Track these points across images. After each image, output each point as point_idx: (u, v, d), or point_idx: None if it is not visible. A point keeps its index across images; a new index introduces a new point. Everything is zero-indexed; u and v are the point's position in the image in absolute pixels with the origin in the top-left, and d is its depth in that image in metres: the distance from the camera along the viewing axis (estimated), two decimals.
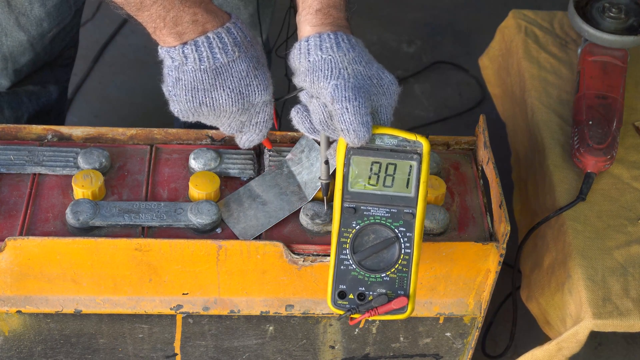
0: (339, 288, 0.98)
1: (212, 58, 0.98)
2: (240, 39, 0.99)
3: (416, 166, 0.98)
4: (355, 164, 0.98)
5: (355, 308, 0.98)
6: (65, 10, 1.37)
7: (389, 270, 0.98)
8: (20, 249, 1.03)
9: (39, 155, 1.13)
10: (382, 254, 0.98)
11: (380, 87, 1.00)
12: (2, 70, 1.38)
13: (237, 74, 0.99)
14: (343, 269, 0.98)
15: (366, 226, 0.98)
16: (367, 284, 0.98)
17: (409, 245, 0.98)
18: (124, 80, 2.10)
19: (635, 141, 1.35)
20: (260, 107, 1.03)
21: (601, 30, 1.36)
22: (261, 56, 1.02)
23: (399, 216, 0.98)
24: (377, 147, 0.98)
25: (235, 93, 1.00)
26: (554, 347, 1.18)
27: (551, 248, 1.24)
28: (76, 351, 1.17)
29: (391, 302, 0.98)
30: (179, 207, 1.08)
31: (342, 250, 0.98)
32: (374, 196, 0.99)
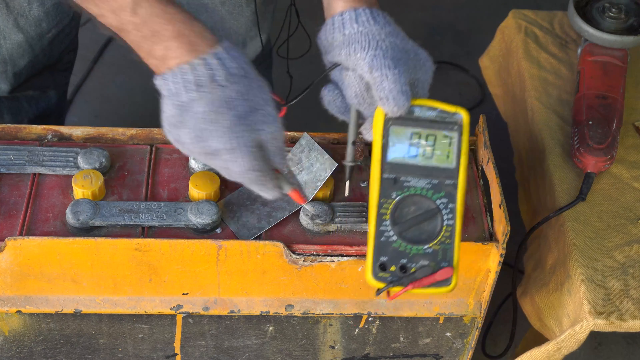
0: (379, 260, 0.96)
1: (177, 94, 0.94)
2: (206, 77, 0.93)
3: (457, 137, 0.97)
4: (394, 134, 0.97)
5: (397, 280, 0.96)
6: (64, 11, 1.37)
7: (431, 242, 0.97)
8: (20, 249, 1.03)
9: (39, 155, 1.13)
10: (424, 226, 0.97)
11: (417, 61, 0.99)
12: (2, 73, 1.38)
13: (194, 115, 0.94)
14: (383, 240, 0.96)
15: (406, 197, 0.97)
16: (409, 256, 0.96)
17: (451, 217, 0.97)
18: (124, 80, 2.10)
19: (635, 141, 1.35)
20: (226, 155, 0.95)
21: (601, 30, 1.36)
22: (234, 99, 0.94)
23: (440, 187, 0.97)
24: (417, 118, 0.97)
25: (193, 135, 0.95)
26: (552, 347, 1.18)
27: (553, 248, 1.24)
28: (76, 351, 1.17)
29: (436, 274, 0.96)
30: (179, 207, 1.08)
31: (381, 221, 0.96)
32: (414, 167, 0.97)
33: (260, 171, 0.97)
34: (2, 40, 1.34)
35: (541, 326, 1.24)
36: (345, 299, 1.12)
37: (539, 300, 1.24)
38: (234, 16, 1.44)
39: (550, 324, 1.22)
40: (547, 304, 1.22)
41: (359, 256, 1.07)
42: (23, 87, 1.44)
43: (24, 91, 1.45)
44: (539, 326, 1.25)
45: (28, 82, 1.44)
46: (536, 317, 1.25)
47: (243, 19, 1.45)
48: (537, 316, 1.25)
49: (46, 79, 1.48)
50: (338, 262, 1.07)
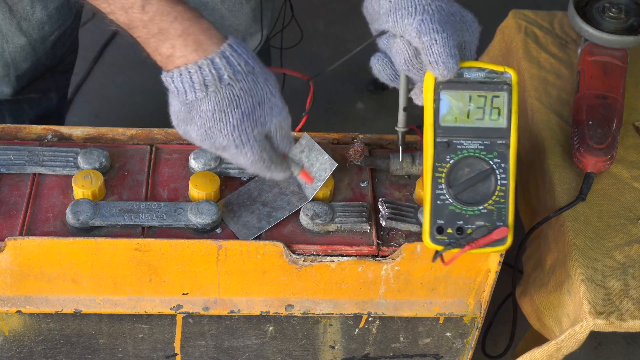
0: (436, 223, 0.98)
1: (184, 93, 0.96)
2: (212, 77, 0.95)
3: (506, 97, 0.99)
4: (445, 98, 0.98)
5: (455, 242, 0.98)
6: (66, 13, 1.37)
7: (486, 202, 0.99)
8: (20, 249, 1.03)
9: (39, 155, 1.13)
10: (478, 187, 0.99)
11: (463, 23, 1.00)
12: (4, 77, 1.38)
13: (203, 114, 0.96)
14: (439, 204, 0.98)
15: (460, 160, 0.99)
16: (465, 218, 0.98)
17: (504, 176, 0.99)
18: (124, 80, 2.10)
19: (635, 141, 1.35)
20: (233, 150, 0.98)
21: (601, 30, 1.36)
22: (240, 96, 0.96)
23: (492, 148, 0.99)
24: (466, 80, 0.98)
25: (201, 132, 0.97)
26: (552, 347, 1.18)
27: (553, 248, 1.24)
28: (76, 351, 1.17)
29: (492, 233, 0.98)
30: (179, 207, 1.08)
31: (437, 185, 0.98)
32: (466, 129, 0.99)
33: (268, 160, 0.99)
34: (5, 44, 1.34)
35: (540, 326, 1.24)
36: (345, 299, 1.12)
37: (539, 300, 1.24)
38: (233, 14, 1.44)
39: (549, 323, 1.22)
40: (546, 304, 1.22)
41: (359, 256, 1.07)
42: (25, 90, 1.44)
43: (26, 94, 1.45)
44: (539, 326, 1.25)
45: (30, 85, 1.44)
46: (535, 317, 1.25)
47: (243, 16, 1.45)
48: (536, 316, 1.25)
49: (48, 81, 1.48)
50: (338, 262, 1.07)
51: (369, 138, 1.17)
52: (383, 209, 1.08)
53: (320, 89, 1.12)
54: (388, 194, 1.14)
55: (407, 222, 1.09)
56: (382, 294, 1.11)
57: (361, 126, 2.00)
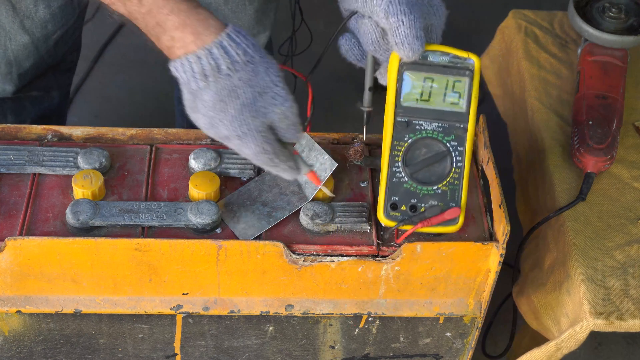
0: (391, 200, 1.01)
1: (188, 82, 0.97)
2: (210, 67, 0.95)
3: (468, 82, 1.01)
4: (408, 79, 1.00)
5: (408, 219, 1.01)
6: (69, 12, 1.37)
7: (440, 183, 1.02)
8: (20, 249, 1.03)
9: (39, 155, 1.13)
10: (434, 167, 1.02)
11: (430, 7, 1.01)
12: (7, 75, 1.38)
13: (205, 103, 0.97)
14: (395, 181, 1.01)
15: (418, 140, 1.01)
16: (419, 196, 1.02)
17: (460, 159, 1.02)
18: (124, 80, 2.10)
19: (635, 141, 1.35)
20: (236, 141, 0.99)
21: (601, 30, 1.36)
22: (239, 86, 0.96)
23: (450, 131, 1.01)
24: (430, 63, 1.00)
25: (206, 121, 0.98)
26: (552, 348, 1.18)
27: (552, 248, 1.24)
28: (76, 351, 1.17)
29: (444, 213, 1.01)
30: (179, 207, 1.08)
31: (394, 163, 1.01)
32: (426, 111, 1.01)
33: (272, 153, 1.00)
34: (8, 42, 1.34)
35: (538, 325, 1.24)
36: (345, 299, 1.12)
37: (536, 300, 1.24)
38: (236, 15, 1.44)
39: (547, 323, 1.22)
40: (544, 303, 1.22)
41: (359, 256, 1.07)
42: (27, 88, 1.44)
43: (27, 92, 1.45)
44: (536, 325, 1.25)
45: (32, 83, 1.44)
46: (533, 316, 1.25)
47: (246, 17, 1.45)
48: (533, 315, 1.25)
49: (49, 79, 1.48)
50: (338, 262, 1.07)
51: (369, 138, 1.17)
52: None
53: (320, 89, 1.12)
54: None
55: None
56: (382, 294, 1.11)
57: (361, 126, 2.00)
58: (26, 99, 1.46)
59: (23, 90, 1.43)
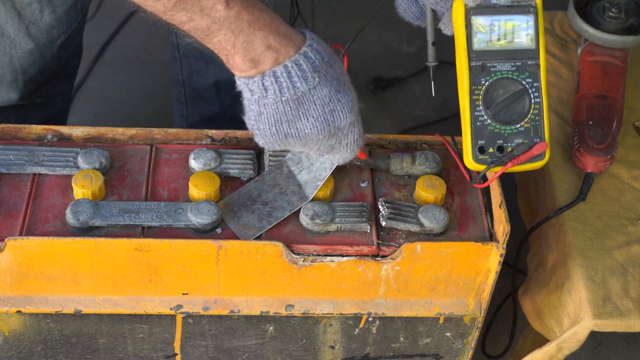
0: (478, 144, 1.03)
1: (292, 88, 0.94)
2: (319, 62, 0.95)
3: (533, 19, 1.02)
4: (476, 24, 1.02)
5: (498, 160, 1.03)
6: (73, 16, 1.37)
7: (523, 121, 1.03)
8: (20, 249, 1.03)
9: (39, 155, 1.13)
10: (514, 106, 1.03)
11: None
12: (12, 82, 1.37)
13: (319, 100, 0.96)
14: (479, 125, 1.03)
15: (495, 81, 1.03)
16: (504, 137, 1.03)
17: (537, 95, 1.03)
18: (124, 80, 2.10)
19: (635, 141, 1.35)
20: (347, 129, 1.00)
21: (601, 30, 1.36)
22: (341, 74, 0.98)
23: (524, 68, 1.03)
24: (494, 5, 1.02)
25: (320, 121, 0.97)
26: (554, 348, 1.18)
27: (553, 248, 1.25)
28: (76, 351, 1.17)
29: (532, 149, 1.03)
30: (179, 207, 1.08)
31: (475, 107, 1.03)
32: (498, 52, 1.03)
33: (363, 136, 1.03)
34: (14, 50, 1.33)
35: (541, 326, 1.24)
36: (345, 299, 1.12)
37: (539, 300, 1.24)
38: None
39: (550, 324, 1.22)
40: (547, 304, 1.22)
41: (359, 256, 1.07)
42: (31, 95, 1.44)
43: (32, 99, 1.45)
44: (539, 326, 1.25)
45: (36, 90, 1.44)
46: (536, 317, 1.25)
47: None
48: (537, 316, 1.25)
49: (53, 85, 1.48)
50: (338, 262, 1.07)
51: (369, 138, 1.17)
52: (383, 209, 1.09)
53: None
54: (388, 194, 1.14)
55: (407, 222, 1.09)
56: (382, 294, 1.11)
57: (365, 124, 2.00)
58: (30, 106, 1.46)
59: (27, 98, 1.43)
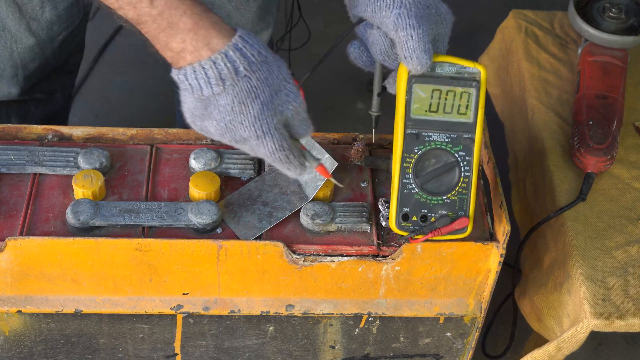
0: (402, 211, 1.04)
1: (199, 89, 0.96)
2: (228, 71, 0.95)
3: (475, 93, 1.02)
4: (417, 92, 1.01)
5: (419, 229, 1.03)
6: (75, 13, 1.37)
7: (450, 193, 1.03)
8: (21, 249, 1.03)
9: (39, 155, 1.13)
10: (443, 178, 1.03)
11: (438, 15, 1.01)
12: (12, 77, 1.38)
13: (222, 108, 0.96)
14: (406, 192, 1.03)
15: (427, 151, 1.03)
16: (429, 207, 1.03)
17: (468, 169, 1.03)
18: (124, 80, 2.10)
19: (635, 141, 1.35)
20: (254, 141, 0.98)
21: (601, 30, 1.36)
22: (258, 88, 0.96)
23: (458, 141, 1.03)
24: (438, 75, 1.01)
25: (221, 127, 0.97)
26: (553, 348, 1.18)
27: (551, 248, 1.25)
28: (76, 351, 1.17)
29: (454, 223, 1.03)
30: (179, 207, 1.08)
31: (404, 175, 1.03)
32: (434, 122, 1.02)
33: (288, 149, 1.00)
34: (14, 45, 1.33)
35: (540, 327, 1.24)
36: (346, 299, 1.12)
37: (538, 301, 1.24)
38: (240, 12, 1.44)
39: (550, 324, 1.22)
40: (546, 304, 1.22)
41: (359, 256, 1.07)
42: (32, 91, 1.44)
43: (32, 94, 1.45)
44: (538, 327, 1.25)
45: (37, 86, 1.44)
46: (535, 317, 1.25)
47: (249, 14, 1.45)
48: (535, 317, 1.25)
49: (54, 81, 1.48)
50: (338, 262, 1.07)
51: (369, 138, 1.17)
52: (383, 209, 1.09)
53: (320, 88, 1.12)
54: (388, 194, 1.14)
55: None
56: (382, 294, 1.11)
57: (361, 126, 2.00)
58: (31, 101, 1.46)
59: (28, 93, 1.43)
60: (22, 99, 1.44)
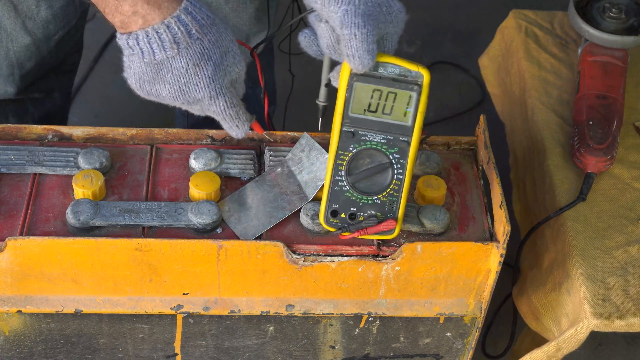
0: (331, 207, 1.04)
1: (152, 53, 0.97)
2: (181, 34, 0.97)
3: (415, 97, 1.00)
4: (357, 90, 1.00)
5: (346, 227, 1.04)
6: (71, 12, 1.37)
7: (380, 194, 1.03)
8: (21, 249, 1.03)
9: (39, 155, 1.13)
10: (376, 178, 1.03)
11: (389, 14, 1.01)
12: (9, 76, 1.38)
13: (176, 71, 0.98)
14: (337, 189, 1.03)
15: (362, 150, 1.02)
16: (358, 205, 1.03)
17: (401, 172, 1.03)
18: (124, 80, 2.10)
19: (635, 141, 1.35)
20: (207, 101, 1.01)
21: (601, 31, 1.36)
22: (211, 49, 0.99)
23: (394, 143, 1.02)
24: (380, 75, 1.00)
25: (175, 89, 1.00)
26: (553, 348, 1.18)
27: (550, 248, 1.25)
28: (76, 351, 1.17)
29: (380, 224, 1.03)
30: (179, 207, 1.08)
31: (337, 171, 1.03)
32: (372, 122, 1.01)
33: (238, 106, 1.04)
34: (10, 44, 1.34)
35: (537, 326, 1.24)
36: (346, 299, 1.12)
37: (536, 300, 1.24)
38: (237, 13, 1.44)
39: (548, 324, 1.22)
40: (544, 303, 1.22)
41: (359, 256, 1.07)
42: (29, 90, 1.44)
43: (29, 94, 1.45)
44: (535, 326, 1.25)
45: (34, 85, 1.44)
46: (532, 317, 1.25)
47: (246, 15, 1.45)
48: (533, 316, 1.25)
49: (51, 81, 1.48)
50: (338, 262, 1.07)
51: None
52: None
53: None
54: None
55: (407, 222, 1.09)
56: (382, 294, 1.11)
57: None
58: (28, 100, 1.46)
59: (25, 92, 1.43)
60: (19, 98, 1.44)
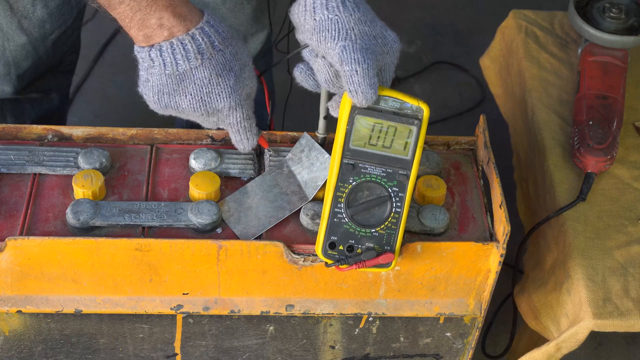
0: (330, 239, 1.03)
1: (175, 64, 0.99)
2: (205, 45, 0.99)
3: (415, 131, 1.01)
4: (358, 123, 1.01)
5: (344, 259, 1.03)
6: (67, 11, 1.37)
7: (378, 227, 1.03)
8: (21, 248, 1.03)
9: (39, 155, 1.13)
10: (374, 211, 1.03)
11: (384, 46, 1.01)
12: (5, 76, 1.38)
13: (199, 81, 1.00)
14: (336, 221, 1.03)
15: (362, 183, 1.02)
16: (357, 238, 1.03)
17: (400, 205, 1.03)
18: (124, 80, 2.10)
19: (635, 141, 1.35)
20: (227, 111, 1.03)
21: (601, 31, 1.36)
22: (232, 61, 1.01)
23: (393, 176, 1.02)
24: (381, 109, 1.00)
25: (196, 100, 1.01)
26: (552, 348, 1.18)
27: (552, 248, 1.25)
28: (76, 351, 1.17)
29: (379, 257, 1.03)
30: (179, 207, 1.08)
31: (337, 203, 1.03)
32: (372, 155, 1.02)
33: (251, 119, 1.06)
34: (6, 43, 1.34)
35: (537, 325, 1.24)
36: (346, 299, 1.12)
37: (536, 300, 1.24)
38: (234, 14, 1.44)
39: (547, 323, 1.22)
40: (544, 303, 1.22)
41: None
42: (26, 90, 1.44)
43: (27, 94, 1.45)
44: (535, 325, 1.25)
45: (31, 85, 1.44)
46: (532, 316, 1.25)
47: (244, 16, 1.45)
48: (533, 315, 1.25)
49: (49, 81, 1.48)
50: None
51: None
52: None
53: None
54: None
55: (407, 222, 1.09)
56: (382, 294, 1.11)
57: None
58: (25, 100, 1.46)
59: (22, 92, 1.43)
60: (17, 98, 1.44)
